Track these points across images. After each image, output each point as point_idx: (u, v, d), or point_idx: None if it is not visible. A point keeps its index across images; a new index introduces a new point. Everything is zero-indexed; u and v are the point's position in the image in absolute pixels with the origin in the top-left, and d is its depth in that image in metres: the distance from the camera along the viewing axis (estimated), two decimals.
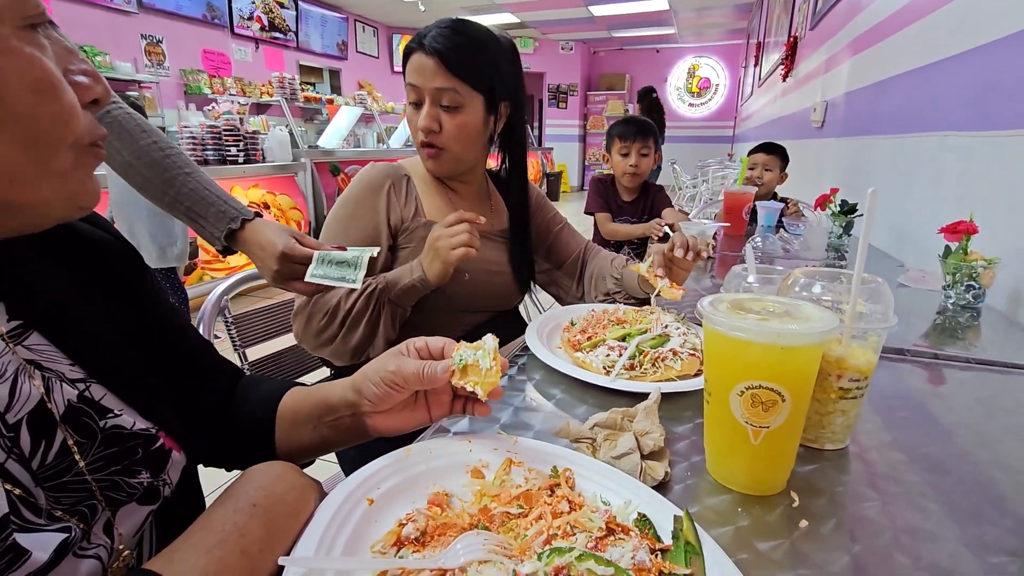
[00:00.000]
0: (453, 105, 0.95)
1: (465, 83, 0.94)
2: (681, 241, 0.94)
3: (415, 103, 0.97)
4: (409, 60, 0.96)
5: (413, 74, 0.95)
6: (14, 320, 0.41)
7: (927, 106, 1.64)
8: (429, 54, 0.92)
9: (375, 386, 0.52)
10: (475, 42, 0.95)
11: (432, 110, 0.95)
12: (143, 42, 5.91)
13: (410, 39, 0.97)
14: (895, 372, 0.81)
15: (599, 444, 0.56)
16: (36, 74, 0.33)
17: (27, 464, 0.38)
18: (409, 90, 0.97)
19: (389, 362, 0.53)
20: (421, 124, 0.96)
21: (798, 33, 4.30)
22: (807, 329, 0.47)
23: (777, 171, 2.34)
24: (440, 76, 0.93)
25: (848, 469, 0.57)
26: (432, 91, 0.94)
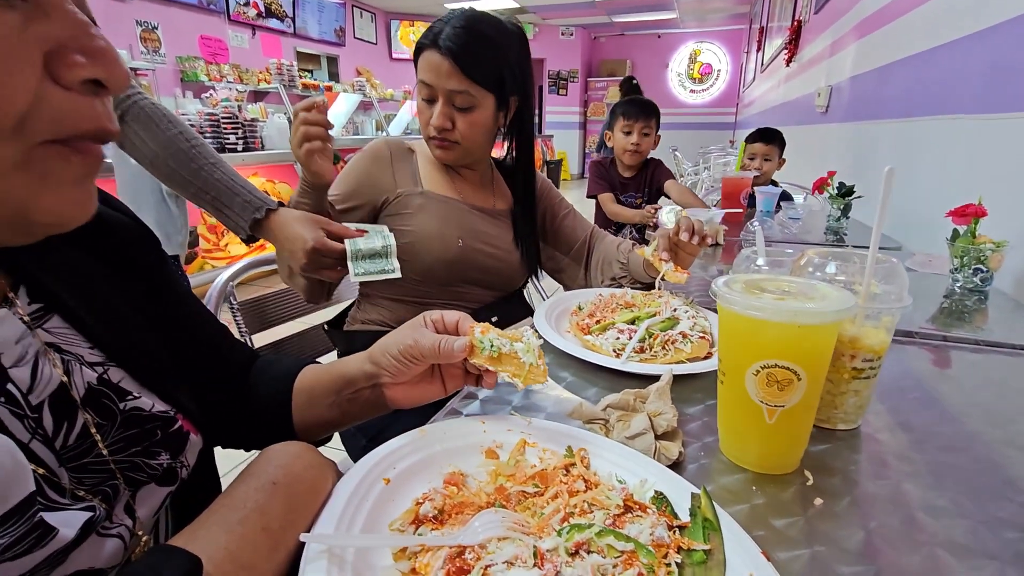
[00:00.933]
0: (466, 106, 0.97)
1: (478, 84, 0.95)
2: (687, 225, 0.93)
3: (427, 99, 0.99)
4: (422, 56, 0.97)
5: (427, 72, 0.96)
6: (35, 303, 0.41)
7: (935, 89, 1.63)
8: (444, 55, 0.93)
9: (393, 358, 0.53)
10: (488, 40, 0.96)
11: (445, 109, 0.97)
12: (138, 28, 5.84)
13: (423, 35, 0.97)
14: (905, 354, 0.81)
15: (612, 425, 0.57)
16: None
17: (51, 445, 0.38)
18: (421, 86, 0.98)
19: (407, 335, 0.54)
20: (435, 123, 0.98)
21: (802, 17, 4.26)
22: (824, 307, 0.46)
23: (776, 159, 2.34)
24: (455, 78, 0.94)
25: (861, 448, 0.57)
26: (446, 91, 0.96)
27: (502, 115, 1.04)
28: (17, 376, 0.38)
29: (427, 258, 1.00)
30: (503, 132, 1.10)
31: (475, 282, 1.07)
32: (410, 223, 1.00)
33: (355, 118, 5.81)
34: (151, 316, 0.51)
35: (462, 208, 1.06)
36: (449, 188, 1.07)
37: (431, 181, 1.05)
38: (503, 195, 1.15)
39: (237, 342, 0.63)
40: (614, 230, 2.38)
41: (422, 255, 1.00)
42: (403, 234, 0.99)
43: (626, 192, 2.31)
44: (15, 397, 0.37)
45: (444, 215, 1.02)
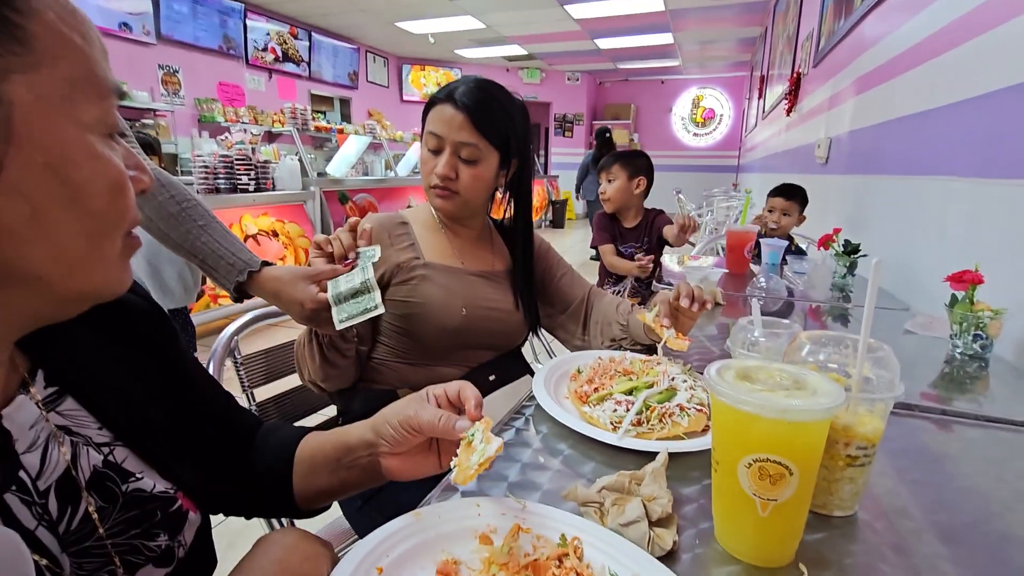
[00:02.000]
0: (472, 159, 1.01)
1: (486, 140, 1.00)
2: (687, 291, 0.95)
3: (434, 150, 1.02)
4: (434, 109, 1.02)
5: (438, 124, 1.00)
6: (51, 387, 0.43)
7: (932, 149, 1.66)
8: (459, 109, 0.98)
9: (392, 429, 0.55)
10: (498, 102, 1.02)
11: (451, 159, 1.01)
12: (160, 72, 6.09)
13: (437, 91, 1.03)
14: (903, 429, 0.80)
15: (607, 509, 0.57)
16: (114, 174, 0.37)
17: (55, 530, 0.39)
18: (429, 137, 1.02)
19: (409, 407, 0.56)
20: (440, 171, 1.01)
21: (801, 69, 4.38)
22: (814, 405, 0.47)
23: (796, 215, 2.35)
24: (466, 131, 0.99)
25: (857, 538, 0.56)
26: (455, 143, 1.00)
27: (503, 175, 1.08)
28: (28, 462, 0.39)
29: (431, 328, 1.02)
30: (501, 191, 1.14)
31: (477, 346, 1.08)
32: (413, 294, 1.02)
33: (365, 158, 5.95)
34: (159, 393, 0.53)
35: (464, 276, 1.08)
36: (449, 255, 1.09)
37: (431, 250, 1.07)
38: (501, 255, 1.18)
39: (243, 411, 0.64)
40: (613, 280, 2.41)
41: (426, 325, 1.01)
42: (407, 305, 1.02)
43: (626, 243, 2.35)
44: (25, 484, 0.39)
45: (447, 285, 1.04)
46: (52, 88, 0.33)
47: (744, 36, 8.29)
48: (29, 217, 0.33)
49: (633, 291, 2.34)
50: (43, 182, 0.33)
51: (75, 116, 0.34)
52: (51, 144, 0.33)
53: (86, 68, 0.35)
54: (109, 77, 0.37)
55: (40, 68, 0.32)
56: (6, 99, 0.31)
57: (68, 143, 0.34)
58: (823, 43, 3.51)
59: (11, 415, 0.39)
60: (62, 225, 0.34)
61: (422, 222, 1.11)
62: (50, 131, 0.33)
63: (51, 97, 0.33)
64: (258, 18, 7.12)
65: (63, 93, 0.34)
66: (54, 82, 0.33)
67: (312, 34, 7.97)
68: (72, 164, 0.34)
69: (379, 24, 7.92)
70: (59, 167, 0.33)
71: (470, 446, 0.53)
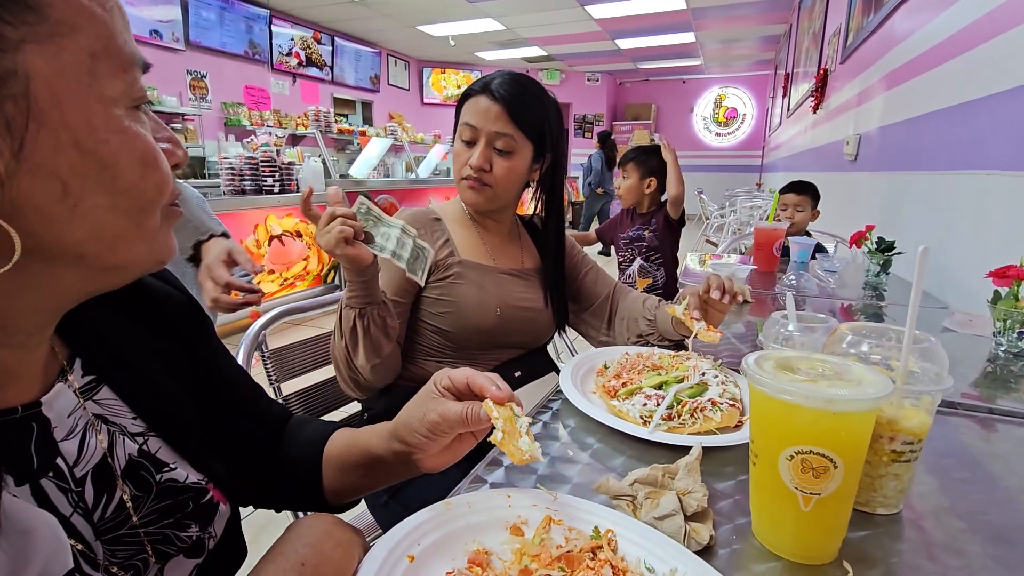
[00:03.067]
0: (507, 150, 1.01)
1: (521, 131, 1.00)
2: (717, 283, 0.93)
3: (468, 141, 1.02)
4: (469, 101, 1.02)
5: (473, 115, 1.00)
6: (88, 375, 0.43)
7: (969, 143, 1.61)
8: (495, 99, 0.99)
9: (423, 436, 0.53)
10: (534, 96, 1.02)
11: (486, 151, 1.01)
12: (188, 77, 6.23)
13: (472, 83, 1.03)
14: (948, 428, 0.77)
15: (640, 503, 0.55)
16: (143, 148, 0.35)
17: (89, 518, 0.39)
18: (464, 128, 1.02)
19: (430, 409, 0.53)
20: (474, 162, 1.00)
21: (828, 65, 4.29)
22: (860, 394, 0.45)
23: (809, 210, 2.33)
24: (501, 121, 0.99)
25: (903, 537, 0.54)
26: (490, 133, 1.00)
27: (536, 169, 1.08)
28: (66, 449, 0.39)
29: (465, 327, 1.01)
30: (533, 187, 1.13)
31: (507, 344, 1.08)
32: (449, 293, 1.02)
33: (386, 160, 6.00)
34: (191, 384, 0.53)
35: (496, 274, 1.07)
36: (482, 253, 1.08)
37: (465, 248, 1.07)
38: (530, 253, 1.17)
39: (272, 403, 0.64)
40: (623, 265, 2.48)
41: (460, 324, 1.01)
42: (441, 303, 1.02)
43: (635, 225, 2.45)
44: (62, 471, 0.39)
45: (481, 284, 1.04)
46: (72, 60, 0.31)
47: (768, 34, 8.16)
48: (61, 197, 0.32)
49: (642, 271, 2.38)
50: (72, 160, 0.32)
51: (99, 90, 0.33)
52: (76, 120, 0.32)
53: (107, 39, 0.33)
54: (132, 48, 0.35)
55: (57, 39, 0.31)
56: (23, 71, 0.29)
57: (94, 118, 0.33)
58: (851, 39, 3.43)
59: (50, 402, 0.39)
60: (97, 203, 0.33)
61: (453, 218, 1.10)
62: (75, 106, 0.32)
63: (72, 70, 0.31)
64: (283, 24, 7.25)
65: (85, 65, 0.32)
66: (74, 54, 0.31)
67: (335, 39, 8.08)
68: (100, 140, 0.33)
69: (400, 28, 8.00)
70: (86, 143, 0.32)
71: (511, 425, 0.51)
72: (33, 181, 0.31)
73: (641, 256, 2.40)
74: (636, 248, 2.42)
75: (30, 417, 0.38)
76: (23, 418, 0.38)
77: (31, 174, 0.31)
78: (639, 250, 2.41)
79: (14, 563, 0.32)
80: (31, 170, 0.31)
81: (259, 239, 3.79)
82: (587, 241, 2.70)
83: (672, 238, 2.39)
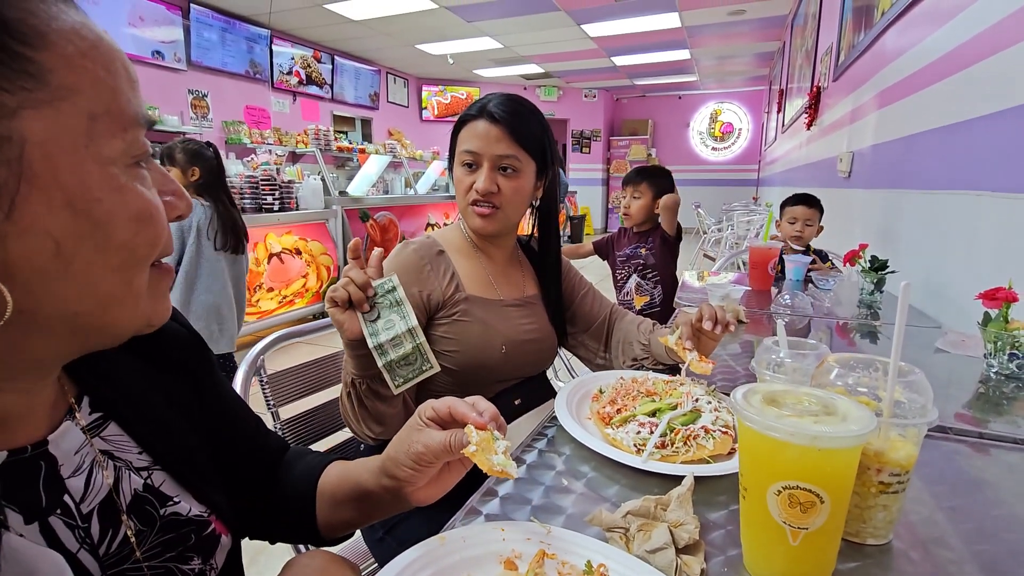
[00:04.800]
0: (513, 171, 1.01)
1: (524, 150, 1.00)
2: (709, 313, 0.94)
3: (470, 168, 1.01)
4: (466, 127, 1.01)
5: (473, 140, 0.99)
6: (95, 412, 0.45)
7: (961, 163, 1.63)
8: (495, 122, 0.98)
9: (409, 468, 0.54)
10: (531, 112, 1.03)
11: (491, 174, 1.00)
12: (190, 96, 6.30)
13: (466, 109, 1.03)
14: (938, 453, 0.78)
15: (632, 535, 0.56)
16: (138, 206, 0.35)
17: (95, 553, 0.40)
18: (464, 155, 1.01)
19: (413, 441, 0.54)
20: (481, 187, 0.99)
21: (821, 83, 4.35)
22: (844, 431, 0.46)
23: (816, 224, 2.33)
24: (504, 143, 0.99)
25: (893, 567, 0.55)
26: (494, 157, 0.99)
27: (540, 186, 1.08)
28: (73, 486, 0.40)
29: (469, 365, 1.00)
30: (535, 207, 1.13)
31: (512, 377, 1.08)
32: (454, 332, 1.00)
33: (385, 176, 6.05)
34: (195, 417, 0.54)
35: (501, 308, 1.06)
36: (487, 285, 1.07)
37: (470, 281, 1.05)
38: (531, 277, 1.17)
39: (270, 434, 0.65)
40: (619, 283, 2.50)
41: (465, 363, 1.00)
42: (445, 341, 1.00)
43: (632, 244, 2.47)
44: (69, 507, 0.40)
45: (487, 321, 1.02)
46: (70, 123, 0.32)
47: (762, 51, 8.28)
48: (54, 256, 0.32)
49: (639, 289, 2.40)
50: (65, 219, 0.32)
51: (96, 150, 0.33)
52: (71, 181, 0.32)
53: (108, 101, 0.34)
54: (135, 107, 0.36)
55: (56, 103, 0.31)
56: (18, 136, 0.30)
57: (88, 178, 0.33)
58: (843, 57, 3.49)
59: (56, 440, 0.40)
60: (90, 260, 0.34)
61: (456, 247, 1.08)
62: (69, 167, 0.32)
63: (69, 132, 0.32)
64: (283, 43, 7.34)
65: (82, 127, 0.32)
66: (72, 116, 0.32)
67: (335, 57, 8.18)
68: (94, 200, 0.33)
69: (399, 46, 8.10)
70: (80, 203, 0.32)
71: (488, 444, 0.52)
72: (25, 241, 0.31)
73: (637, 274, 2.41)
74: (632, 266, 2.43)
75: (39, 456, 0.39)
76: (32, 457, 0.39)
77: (23, 235, 0.31)
78: (635, 268, 2.42)
79: None
80: (23, 231, 0.31)
81: (258, 257, 3.81)
82: (580, 253, 2.71)
83: (670, 256, 2.40)
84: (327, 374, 1.21)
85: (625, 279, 2.46)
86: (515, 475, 0.52)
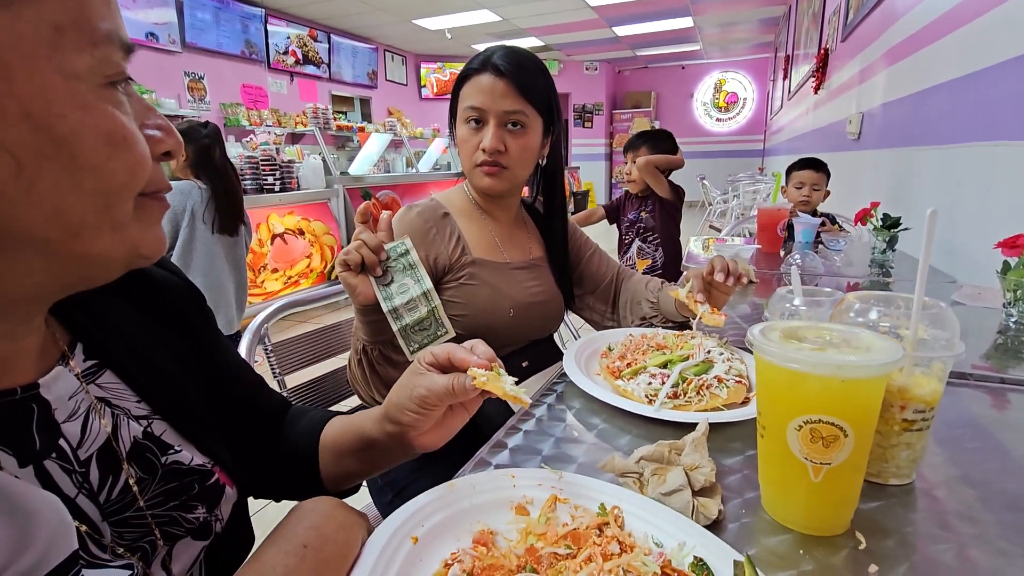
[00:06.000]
0: (520, 127, 0.96)
1: (531, 105, 0.95)
2: (721, 265, 0.91)
3: (475, 125, 0.96)
4: (469, 82, 0.95)
5: (478, 95, 0.94)
6: (90, 360, 0.43)
7: (974, 115, 1.58)
8: (500, 76, 0.93)
9: (412, 412, 0.53)
10: (536, 66, 0.97)
11: (498, 131, 0.94)
12: (186, 79, 6.22)
13: (468, 62, 0.97)
14: (958, 398, 0.76)
15: (647, 479, 0.54)
16: (109, 127, 0.33)
17: (95, 499, 0.40)
18: (468, 111, 0.95)
19: (416, 385, 0.53)
20: (488, 145, 0.94)
21: (828, 45, 4.24)
22: (870, 360, 0.44)
23: (823, 188, 2.30)
24: (510, 98, 0.93)
25: (916, 507, 0.53)
26: (500, 112, 0.94)
27: (546, 143, 1.03)
28: (68, 431, 0.40)
29: (478, 328, 0.97)
30: (541, 165, 1.09)
31: (519, 340, 1.06)
32: (462, 296, 0.98)
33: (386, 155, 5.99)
34: (194, 370, 0.53)
35: (508, 271, 1.03)
36: (492, 246, 1.04)
37: (476, 244, 1.02)
38: (536, 240, 1.14)
39: (272, 393, 0.64)
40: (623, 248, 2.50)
41: (473, 327, 0.97)
42: (453, 305, 0.97)
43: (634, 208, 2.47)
44: (65, 452, 0.39)
45: (494, 284, 1.00)
46: (29, 30, 0.30)
47: (767, 16, 8.06)
48: (15, 174, 0.30)
49: (640, 253, 2.40)
50: (24, 134, 0.30)
51: (60, 63, 0.31)
52: (29, 92, 0.30)
53: (77, 12, 0.32)
54: (111, 26, 0.34)
55: (15, 7, 0.29)
56: None
57: (50, 91, 0.31)
58: (851, 16, 3.38)
59: (48, 384, 0.39)
60: (56, 183, 0.32)
61: (460, 210, 1.04)
62: (26, 76, 0.30)
63: (30, 40, 0.30)
64: (278, 22, 7.21)
65: (45, 37, 0.30)
66: (33, 23, 0.30)
67: (331, 36, 8.04)
68: (56, 115, 0.31)
69: (396, 22, 7.95)
70: (40, 117, 0.30)
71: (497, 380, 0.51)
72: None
73: (639, 238, 2.40)
74: (635, 230, 2.43)
75: (29, 399, 0.38)
76: (22, 399, 0.38)
77: None
78: (637, 232, 2.42)
79: (17, 543, 0.32)
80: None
81: (261, 238, 3.79)
82: (593, 220, 2.69)
83: (669, 218, 2.38)
84: (332, 342, 1.20)
85: (629, 244, 2.46)
86: (528, 402, 0.51)
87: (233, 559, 0.52)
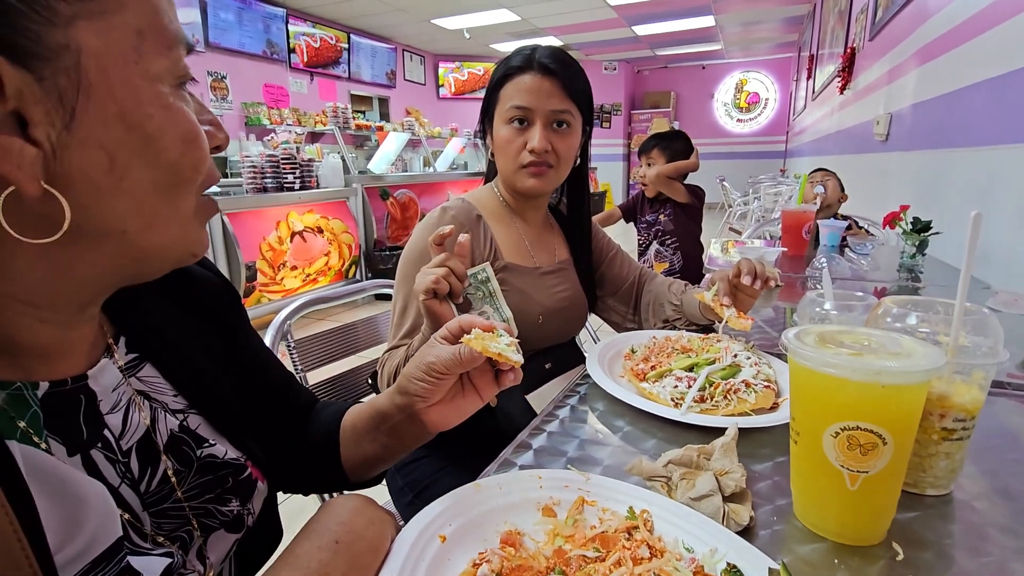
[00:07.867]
0: (567, 126, 0.95)
1: (576, 104, 0.95)
2: (748, 268, 0.90)
3: (519, 123, 0.94)
4: (512, 81, 0.94)
5: (523, 95, 0.92)
6: (132, 353, 0.45)
7: (1011, 115, 1.53)
8: (547, 74, 0.92)
9: (420, 381, 0.52)
10: (578, 64, 0.97)
11: (545, 132, 0.93)
12: (209, 78, 6.32)
13: (509, 60, 0.95)
14: (996, 408, 0.74)
15: (675, 483, 0.54)
16: (186, 125, 0.36)
17: (136, 489, 0.41)
18: (512, 111, 0.93)
19: (425, 355, 0.53)
20: (537, 145, 0.92)
21: (856, 44, 4.15)
22: (912, 366, 0.43)
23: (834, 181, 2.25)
24: (557, 97, 0.92)
25: (955, 518, 0.52)
26: (547, 112, 0.93)
27: (582, 143, 1.02)
28: (111, 422, 0.41)
29: None
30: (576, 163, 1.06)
31: (546, 342, 1.05)
32: None
33: (404, 155, 6.02)
34: (228, 366, 0.54)
35: (539, 277, 1.02)
36: (523, 251, 1.03)
37: (508, 249, 1.00)
38: (562, 241, 1.13)
39: (302, 389, 0.65)
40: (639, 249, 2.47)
41: None
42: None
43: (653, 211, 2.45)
44: (109, 442, 0.40)
45: (524, 290, 0.99)
46: (120, 36, 0.32)
47: (790, 15, 7.93)
48: (108, 170, 0.33)
49: (658, 256, 2.38)
50: (118, 133, 0.33)
51: (145, 66, 0.34)
52: (124, 94, 0.33)
53: (153, 17, 0.34)
54: (176, 27, 0.36)
55: (107, 15, 0.32)
56: (74, 45, 0.31)
57: (140, 93, 0.33)
58: (880, 15, 3.31)
59: (95, 376, 0.41)
60: (140, 177, 0.34)
61: (492, 212, 1.03)
62: (122, 80, 0.33)
63: (119, 46, 0.32)
64: (299, 22, 7.30)
65: (131, 42, 0.33)
66: (121, 30, 0.33)
67: (351, 36, 8.11)
68: (145, 115, 0.34)
69: (415, 22, 7.98)
70: (133, 117, 0.33)
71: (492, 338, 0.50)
72: (82, 153, 0.32)
73: (657, 240, 2.38)
74: (653, 233, 2.40)
75: (78, 389, 0.39)
76: (72, 390, 0.39)
77: (80, 146, 0.32)
78: (655, 235, 2.40)
79: (69, 526, 0.33)
80: (80, 142, 0.32)
81: (281, 236, 3.84)
82: (612, 220, 2.67)
83: (689, 221, 2.35)
84: (351, 340, 1.21)
85: (646, 246, 2.44)
86: (516, 361, 0.50)
87: (261, 554, 0.53)
